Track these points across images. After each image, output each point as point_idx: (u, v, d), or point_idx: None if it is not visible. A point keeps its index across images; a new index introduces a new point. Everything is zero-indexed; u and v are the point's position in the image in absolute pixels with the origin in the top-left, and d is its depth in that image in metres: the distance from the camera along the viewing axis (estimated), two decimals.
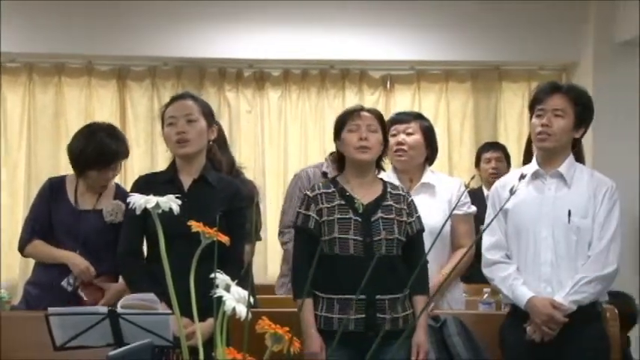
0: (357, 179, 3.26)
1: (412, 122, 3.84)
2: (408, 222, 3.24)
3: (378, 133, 3.25)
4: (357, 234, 3.15)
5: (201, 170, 3.24)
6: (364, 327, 3.09)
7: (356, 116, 3.27)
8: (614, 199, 3.23)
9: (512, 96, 6.38)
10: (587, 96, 3.32)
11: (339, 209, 3.19)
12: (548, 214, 3.23)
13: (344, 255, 3.15)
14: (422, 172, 3.83)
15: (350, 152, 3.25)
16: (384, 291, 3.10)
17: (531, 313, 3.18)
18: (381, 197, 3.25)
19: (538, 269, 3.23)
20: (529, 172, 3.31)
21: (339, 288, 3.12)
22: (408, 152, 3.79)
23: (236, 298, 1.34)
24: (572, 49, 6.08)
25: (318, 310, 3.17)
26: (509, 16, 6.04)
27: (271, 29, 5.97)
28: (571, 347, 3.16)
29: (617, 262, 3.20)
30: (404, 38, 6.10)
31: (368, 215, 3.19)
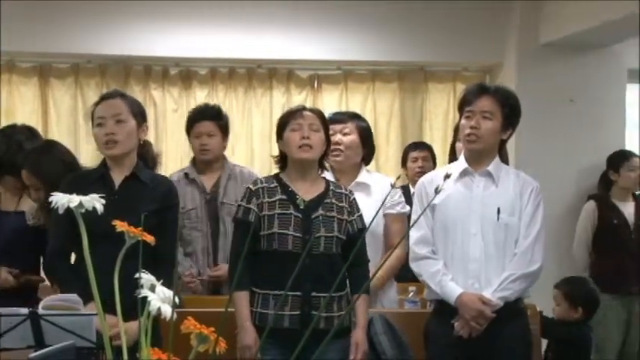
0: (299, 177, 3.27)
1: (349, 122, 3.88)
2: (349, 220, 3.25)
3: (320, 132, 3.27)
4: (297, 230, 3.16)
5: (132, 168, 3.20)
6: (299, 324, 3.09)
7: (298, 116, 3.28)
8: (539, 200, 3.32)
9: (438, 96, 6.45)
10: (514, 98, 3.39)
11: (279, 204, 3.20)
12: (477, 211, 3.29)
13: (282, 250, 3.15)
14: (358, 172, 3.86)
15: (292, 151, 3.26)
16: (320, 288, 3.10)
17: (460, 308, 3.22)
18: (323, 195, 3.26)
19: (466, 265, 3.28)
20: (458, 170, 3.36)
21: (276, 284, 3.12)
22: (344, 152, 3.82)
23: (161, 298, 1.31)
24: (496, 51, 6.18)
25: (253, 305, 3.17)
26: (434, 17, 6.12)
27: (198, 27, 5.92)
28: (496, 343, 3.22)
29: (541, 261, 3.28)
30: (331, 38, 6.12)
31: (309, 212, 3.20)
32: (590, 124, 5.94)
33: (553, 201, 5.40)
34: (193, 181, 4.28)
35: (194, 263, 4.23)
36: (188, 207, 4.23)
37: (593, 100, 5.97)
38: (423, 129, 6.44)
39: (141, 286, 1.32)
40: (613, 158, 5.59)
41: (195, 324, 1.27)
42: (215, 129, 4.33)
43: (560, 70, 5.93)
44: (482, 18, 6.14)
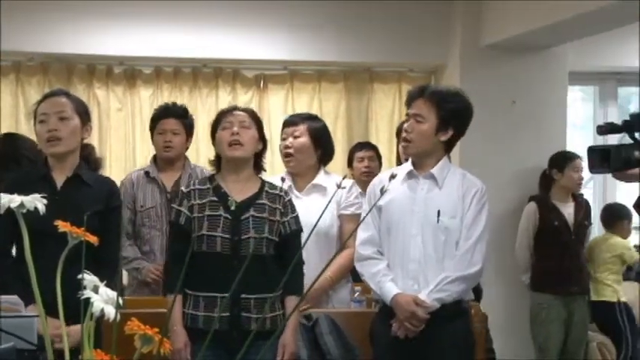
0: (232, 177, 3.26)
1: (300, 125, 3.87)
2: (282, 222, 3.25)
3: (251, 130, 3.26)
4: (226, 232, 3.15)
5: (74, 168, 3.15)
6: (229, 325, 3.08)
7: (229, 114, 3.29)
8: (483, 201, 3.34)
9: (383, 97, 6.48)
10: (454, 98, 3.39)
11: (209, 206, 3.18)
12: (419, 213, 3.31)
13: (211, 252, 3.14)
14: (315, 173, 3.86)
15: (223, 149, 3.26)
16: (250, 290, 3.09)
17: (395, 309, 3.25)
18: (256, 196, 3.25)
19: (406, 266, 3.30)
20: (404, 172, 3.38)
21: (206, 285, 3.11)
22: (294, 155, 3.82)
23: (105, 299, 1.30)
24: (440, 52, 6.23)
25: (185, 307, 3.15)
26: (380, 18, 6.15)
27: (142, 26, 5.87)
28: (436, 344, 3.25)
29: (481, 262, 3.31)
30: (277, 38, 6.11)
31: (239, 213, 3.18)
32: (533, 126, 6.03)
33: (495, 201, 5.44)
34: (154, 179, 4.25)
35: (151, 262, 4.21)
36: (147, 205, 4.21)
37: (535, 102, 6.06)
38: (369, 129, 6.46)
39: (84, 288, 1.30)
40: (557, 158, 5.66)
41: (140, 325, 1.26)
42: (180, 127, 4.33)
43: (503, 71, 6.00)
44: (427, 19, 6.19)
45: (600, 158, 3.14)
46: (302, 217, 3.53)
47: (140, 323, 1.26)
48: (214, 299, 3.13)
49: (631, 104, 7.76)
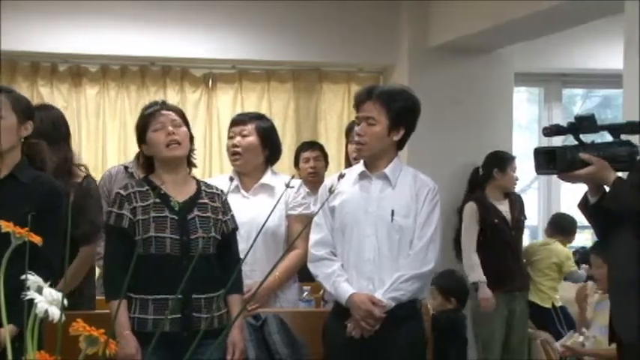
0: (170, 177, 3.22)
1: (248, 124, 3.85)
2: (224, 220, 3.23)
3: (184, 128, 3.23)
4: (174, 232, 3.12)
5: (12, 168, 3.06)
6: (180, 327, 3.05)
7: (158, 115, 3.23)
8: (436, 201, 3.37)
9: (333, 97, 6.49)
10: (402, 96, 3.39)
11: (154, 208, 3.13)
12: (373, 213, 3.32)
13: (160, 254, 3.10)
14: (262, 173, 3.84)
15: (160, 151, 3.20)
16: (200, 290, 3.07)
17: (351, 309, 3.25)
18: (196, 195, 3.23)
19: (361, 266, 3.31)
20: (356, 172, 3.39)
21: (154, 288, 3.07)
22: (242, 155, 3.79)
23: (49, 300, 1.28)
24: (388, 53, 6.26)
25: (131, 311, 3.10)
26: (330, 18, 6.16)
27: (88, 23, 5.78)
28: (391, 343, 3.26)
29: (435, 261, 3.34)
30: (226, 37, 6.08)
31: (184, 214, 3.15)
32: (479, 126, 6.09)
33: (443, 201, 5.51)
34: (132, 175, 4.18)
35: None
36: None
37: (481, 102, 6.12)
38: (318, 129, 6.47)
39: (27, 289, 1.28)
40: (498, 158, 5.73)
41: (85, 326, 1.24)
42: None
43: (450, 71, 6.05)
44: (376, 20, 6.21)
45: (546, 159, 3.17)
46: (250, 216, 3.51)
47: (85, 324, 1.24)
48: (164, 301, 3.09)
49: (575, 106, 7.90)
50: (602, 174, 3.09)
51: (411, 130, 3.40)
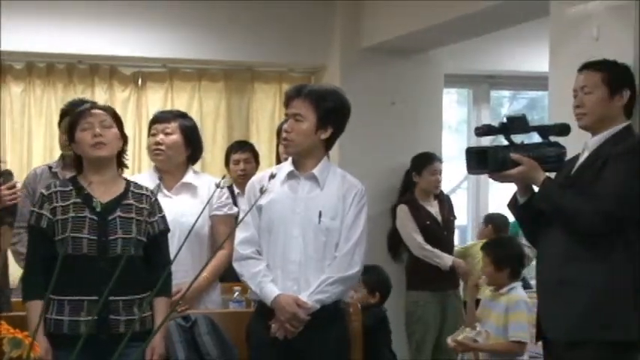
0: (96, 177, 3.17)
1: (172, 122, 3.81)
2: (150, 222, 3.18)
3: (113, 129, 3.19)
4: (92, 233, 3.07)
5: None
6: (96, 329, 3.00)
7: (87, 114, 3.19)
8: (363, 203, 3.36)
9: (264, 97, 6.47)
10: (331, 96, 3.39)
11: (74, 207, 3.09)
12: (300, 214, 3.31)
13: (77, 255, 3.05)
14: (183, 172, 3.80)
15: (86, 151, 3.16)
16: (118, 292, 3.02)
17: (276, 310, 3.23)
18: (122, 196, 3.18)
19: (287, 267, 3.29)
20: (284, 172, 3.37)
21: (71, 289, 3.01)
22: (165, 152, 3.75)
23: None
24: (320, 53, 6.27)
25: (48, 313, 3.04)
26: (261, 18, 6.13)
27: (13, 19, 5.63)
28: (313, 345, 3.26)
29: (361, 264, 3.34)
30: (155, 35, 6.01)
31: (105, 214, 3.10)
32: (410, 126, 6.14)
33: (375, 201, 5.55)
34: (55, 174, 4.10)
35: None
36: None
37: (413, 103, 6.17)
38: (249, 129, 6.44)
39: None
40: (416, 160, 5.79)
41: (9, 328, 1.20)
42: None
43: (382, 72, 6.09)
44: (308, 20, 6.21)
45: (477, 159, 3.21)
46: (172, 216, 3.46)
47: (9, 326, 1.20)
48: (81, 303, 3.04)
49: (503, 107, 8.04)
50: (532, 174, 3.15)
51: (339, 131, 3.41)
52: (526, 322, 4.22)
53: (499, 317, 4.23)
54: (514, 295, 4.26)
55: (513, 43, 6.55)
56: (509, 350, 4.19)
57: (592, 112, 3.19)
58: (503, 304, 4.25)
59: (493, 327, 4.24)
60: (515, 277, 4.35)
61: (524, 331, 4.19)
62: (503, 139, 3.25)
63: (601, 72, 3.22)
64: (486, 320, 4.31)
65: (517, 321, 4.19)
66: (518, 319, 4.19)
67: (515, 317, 4.20)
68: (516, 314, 4.20)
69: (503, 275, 4.30)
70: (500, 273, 4.30)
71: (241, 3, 6.05)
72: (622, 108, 3.23)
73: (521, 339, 4.17)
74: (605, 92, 3.19)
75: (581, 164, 3.21)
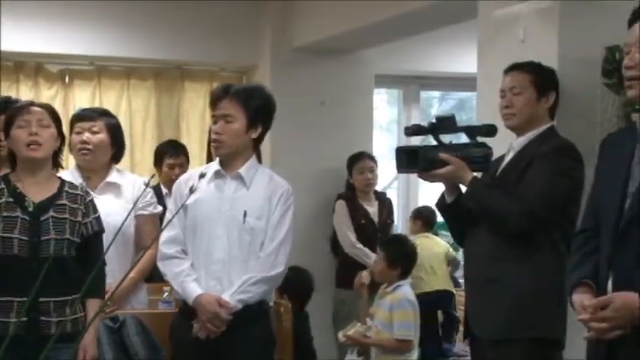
0: (29, 177, 3.10)
1: (97, 120, 3.74)
2: (84, 222, 3.13)
3: (50, 128, 3.12)
4: (23, 233, 3.00)
5: None
6: (25, 330, 2.94)
7: (25, 112, 3.12)
8: (289, 203, 3.35)
9: (195, 96, 6.43)
10: (258, 94, 3.37)
11: (6, 207, 3.02)
12: (225, 213, 3.29)
13: (7, 255, 2.98)
14: (107, 171, 3.75)
15: (20, 150, 3.09)
16: (49, 293, 2.96)
17: (198, 310, 3.21)
18: (56, 196, 3.12)
19: (210, 267, 3.27)
20: (211, 171, 3.35)
21: (1, 290, 2.95)
22: (92, 151, 3.69)
23: None
24: (251, 53, 6.25)
25: None
26: (191, 16, 6.09)
27: None
28: (236, 346, 3.24)
29: (285, 264, 3.33)
30: (83, 33, 5.91)
31: (38, 214, 3.04)
32: (341, 126, 6.17)
33: (307, 200, 5.56)
34: None
35: None
36: None
37: (343, 103, 6.20)
38: (180, 128, 6.39)
39: None
40: (348, 160, 5.83)
41: None
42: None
43: (313, 72, 6.11)
44: (239, 19, 6.20)
45: (407, 159, 3.24)
46: None
47: None
48: (10, 303, 2.98)
49: (432, 108, 8.13)
50: (459, 174, 3.19)
51: (267, 129, 3.40)
52: (412, 321, 4.32)
53: (385, 314, 4.33)
54: (399, 294, 4.36)
55: (443, 45, 6.63)
56: (396, 347, 4.27)
57: (521, 112, 3.25)
58: (388, 302, 4.35)
59: (381, 323, 4.32)
60: (405, 277, 4.45)
61: (409, 329, 4.29)
62: (433, 139, 3.29)
63: (529, 74, 3.29)
64: (377, 316, 4.39)
65: (401, 319, 4.28)
66: (402, 318, 4.29)
67: (399, 315, 4.29)
68: (400, 312, 4.30)
69: (395, 273, 4.40)
70: (393, 271, 4.41)
71: (173, 3, 6.00)
72: (548, 110, 3.31)
73: (406, 337, 4.25)
74: (533, 94, 3.26)
75: (506, 164, 3.27)
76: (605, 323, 2.27)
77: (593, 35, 3.60)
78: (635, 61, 2.31)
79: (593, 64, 3.58)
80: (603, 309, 2.27)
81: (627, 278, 2.28)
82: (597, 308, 2.28)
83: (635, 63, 2.31)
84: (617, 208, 2.34)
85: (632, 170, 2.35)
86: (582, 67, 3.61)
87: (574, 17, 3.67)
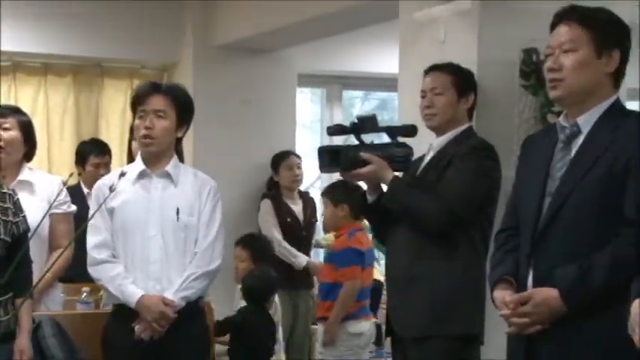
0: None
1: (9, 117, 3.67)
2: (15, 222, 3.05)
3: None
4: None
5: None
6: None
7: None
8: (217, 198, 3.35)
9: (114, 93, 6.36)
10: (186, 95, 3.39)
11: None
12: (156, 212, 3.26)
13: None
14: (19, 169, 3.66)
15: None
16: None
17: (142, 311, 3.18)
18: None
19: (147, 267, 3.24)
20: (135, 171, 3.30)
21: None
22: (4, 149, 3.62)
23: None
24: (172, 50, 6.22)
25: None
26: (111, 13, 6.01)
27: None
28: (175, 343, 3.22)
29: (221, 258, 3.33)
30: None
31: None
32: (264, 125, 6.18)
33: (231, 199, 5.53)
34: None
35: None
36: None
37: (266, 102, 6.21)
38: (99, 125, 6.31)
39: None
40: (273, 158, 5.85)
41: None
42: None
43: (235, 71, 6.10)
44: (160, 17, 6.15)
45: (330, 158, 3.26)
46: None
47: None
48: None
49: (354, 107, 8.19)
50: (381, 173, 3.22)
51: (188, 128, 3.39)
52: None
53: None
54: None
55: (366, 45, 6.68)
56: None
57: (442, 113, 3.30)
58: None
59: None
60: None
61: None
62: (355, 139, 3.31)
63: (450, 75, 3.34)
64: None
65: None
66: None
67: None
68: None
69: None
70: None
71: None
72: (467, 110, 3.37)
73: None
74: (454, 95, 3.32)
75: (426, 164, 3.31)
76: (526, 318, 2.33)
77: (512, 37, 3.67)
78: (559, 64, 2.38)
79: (512, 65, 3.66)
80: (524, 304, 2.33)
81: (547, 274, 2.33)
82: (518, 304, 2.34)
83: (560, 65, 2.38)
84: (537, 207, 2.39)
85: (552, 170, 2.41)
86: (501, 69, 3.69)
87: (493, 20, 3.74)
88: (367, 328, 4.61)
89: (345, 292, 4.45)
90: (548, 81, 2.43)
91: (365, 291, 4.61)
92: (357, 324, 4.53)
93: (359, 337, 4.53)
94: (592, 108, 2.39)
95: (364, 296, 4.60)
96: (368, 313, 4.69)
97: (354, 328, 4.52)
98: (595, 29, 2.38)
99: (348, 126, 3.32)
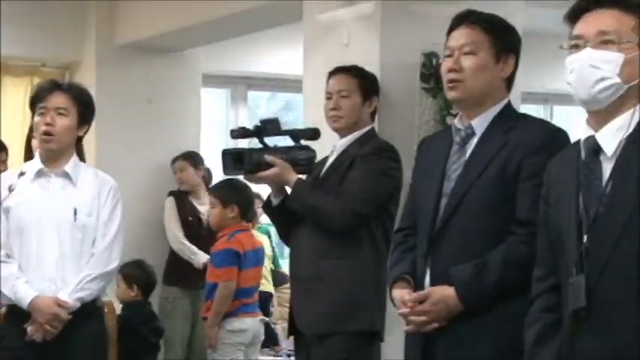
0: None
1: None
2: None
3: None
4: None
5: None
6: None
7: None
8: (117, 198, 3.32)
9: (14, 90, 6.20)
10: (87, 94, 3.35)
11: None
12: (53, 212, 3.21)
13: None
14: None
15: None
16: None
17: (34, 312, 3.13)
18: None
19: (42, 268, 3.19)
20: (33, 170, 3.24)
21: None
22: None
23: None
24: (75, 49, 6.13)
25: None
26: (12, 10, 5.85)
27: None
28: (71, 344, 3.19)
29: (119, 259, 3.32)
30: None
31: None
32: (169, 125, 6.14)
33: (135, 198, 5.48)
34: None
35: None
36: None
37: (171, 102, 6.17)
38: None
39: None
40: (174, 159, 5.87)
41: None
42: None
43: (139, 71, 6.04)
44: (62, 15, 6.06)
45: (233, 160, 3.27)
46: None
47: None
48: None
49: (260, 108, 8.20)
50: (284, 176, 3.26)
51: (89, 127, 3.36)
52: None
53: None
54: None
55: (271, 46, 6.72)
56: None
57: (348, 115, 3.37)
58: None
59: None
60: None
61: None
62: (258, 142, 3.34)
63: (356, 78, 3.42)
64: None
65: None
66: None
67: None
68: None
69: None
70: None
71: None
72: (370, 113, 3.44)
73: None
74: (359, 97, 3.39)
75: (329, 166, 3.37)
76: (424, 317, 2.39)
77: (413, 41, 3.76)
78: (459, 65, 2.44)
79: (413, 68, 3.75)
80: (422, 303, 2.39)
81: (443, 273, 2.40)
82: (416, 302, 2.40)
83: (460, 67, 2.44)
84: (433, 207, 2.46)
85: (447, 171, 2.48)
86: (402, 72, 3.76)
87: (394, 23, 3.82)
88: (250, 325, 4.50)
89: (219, 293, 4.36)
90: (446, 82, 2.49)
91: (248, 289, 4.51)
92: (235, 321, 4.42)
93: (240, 334, 4.43)
94: (486, 111, 2.48)
95: (246, 294, 4.49)
96: (252, 310, 4.56)
97: (233, 326, 4.41)
98: (495, 34, 2.47)
99: (251, 129, 3.34)
